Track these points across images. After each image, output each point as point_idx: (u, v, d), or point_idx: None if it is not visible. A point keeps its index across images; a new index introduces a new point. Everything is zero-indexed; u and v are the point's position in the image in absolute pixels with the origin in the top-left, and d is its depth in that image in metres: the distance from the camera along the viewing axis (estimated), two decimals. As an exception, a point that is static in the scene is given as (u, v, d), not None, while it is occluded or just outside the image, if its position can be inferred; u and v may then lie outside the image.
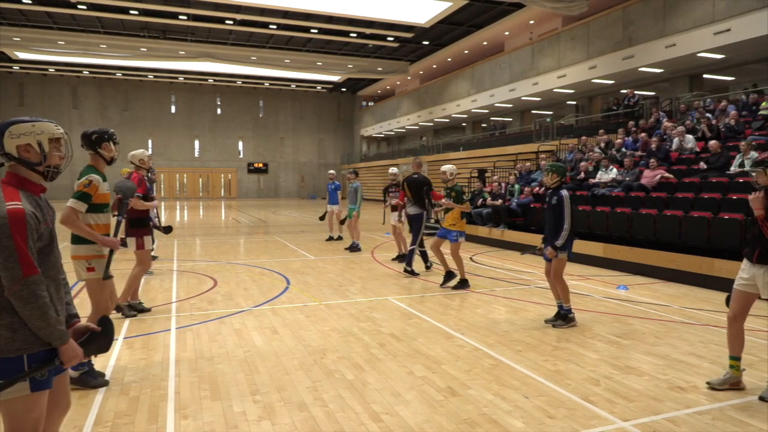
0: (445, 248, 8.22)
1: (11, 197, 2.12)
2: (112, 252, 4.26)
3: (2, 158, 2.24)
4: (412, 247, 9.10)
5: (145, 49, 31.74)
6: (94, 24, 28.57)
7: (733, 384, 4.04)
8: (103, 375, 4.32)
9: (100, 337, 2.35)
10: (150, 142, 40.41)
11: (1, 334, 2.08)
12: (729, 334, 4.12)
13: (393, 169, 10.96)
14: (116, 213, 4.92)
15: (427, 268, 9.52)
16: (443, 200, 8.08)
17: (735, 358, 4.08)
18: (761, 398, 3.84)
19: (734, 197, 8.92)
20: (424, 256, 9.56)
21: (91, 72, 39.50)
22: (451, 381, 4.24)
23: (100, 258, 4.28)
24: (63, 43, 30.28)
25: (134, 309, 6.36)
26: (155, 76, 41.41)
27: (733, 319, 4.09)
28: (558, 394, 3.97)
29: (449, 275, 8.09)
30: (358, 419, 3.57)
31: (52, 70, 38.70)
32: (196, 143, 45.09)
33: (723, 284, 7.59)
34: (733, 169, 10.13)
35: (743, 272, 4.05)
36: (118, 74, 40.34)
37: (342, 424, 3.50)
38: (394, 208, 10.55)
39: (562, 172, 6.06)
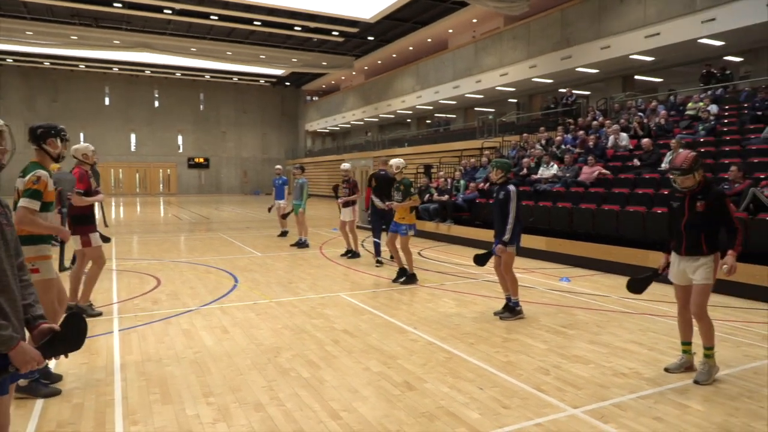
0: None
1: None
2: (63, 244, 4.13)
3: None
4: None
5: (75, 37, 30.08)
6: (18, 8, 26.78)
7: (687, 368, 4.32)
8: (60, 377, 4.17)
9: (67, 336, 2.18)
10: (82, 135, 38.31)
11: None
12: (680, 322, 4.42)
13: (345, 165, 10.91)
14: (58, 207, 4.70)
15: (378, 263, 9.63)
16: (390, 203, 8.17)
17: (687, 343, 4.37)
18: (695, 381, 4.10)
19: (666, 192, 9.44)
20: (378, 247, 9.91)
21: (15, 60, 37.09)
22: (408, 375, 4.27)
23: (44, 259, 4.04)
24: (-17, 28, 28.26)
25: (83, 311, 6.05)
26: (87, 66, 39.36)
27: (682, 309, 4.37)
28: (511, 385, 4.08)
29: (402, 272, 8.14)
30: (317, 417, 3.54)
31: (-30, 57, 36.09)
32: (133, 137, 43.25)
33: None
34: (664, 165, 10.71)
35: (674, 266, 4.32)
36: (46, 63, 38.05)
37: (300, 423, 3.46)
38: (345, 205, 10.52)
39: (507, 168, 6.21)
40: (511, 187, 6.01)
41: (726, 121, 12.49)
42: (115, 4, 25.95)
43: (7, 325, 2.00)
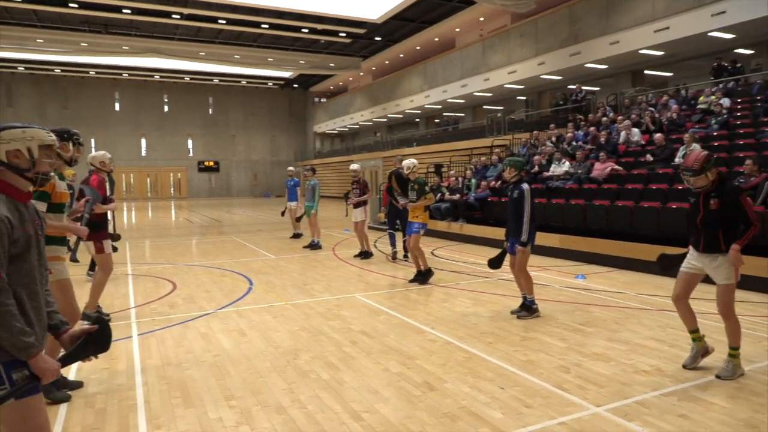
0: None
1: None
2: (79, 240, 4.26)
3: None
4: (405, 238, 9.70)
5: (86, 44, 30.37)
6: (30, 17, 27.09)
7: (703, 354, 4.28)
8: (80, 384, 4.20)
9: (97, 337, 2.28)
10: (93, 141, 38.71)
11: None
12: (680, 312, 4.38)
13: (354, 166, 10.92)
14: (82, 212, 4.80)
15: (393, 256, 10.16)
16: (403, 202, 8.18)
17: (694, 331, 4.32)
18: (718, 376, 4.06)
19: (680, 187, 9.35)
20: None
21: (27, 68, 37.52)
22: (427, 376, 4.27)
23: (57, 260, 4.09)
24: (-5, 37, 28.61)
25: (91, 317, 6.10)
26: (97, 73, 39.73)
27: (676, 300, 4.35)
28: (532, 384, 4.06)
29: (420, 272, 8.13)
30: (339, 419, 3.55)
31: (-17, 66, 36.55)
32: (143, 142, 43.60)
33: (676, 271, 7.96)
34: (678, 160, 10.62)
35: (691, 258, 4.30)
36: (57, 70, 38.46)
37: (323, 424, 3.47)
38: (356, 205, 10.53)
39: (520, 166, 6.18)
40: (525, 186, 5.98)
41: (739, 114, 12.36)
42: (124, 11, 26.16)
43: (30, 333, 2.04)
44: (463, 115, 31.65)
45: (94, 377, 4.43)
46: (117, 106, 42.70)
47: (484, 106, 29.66)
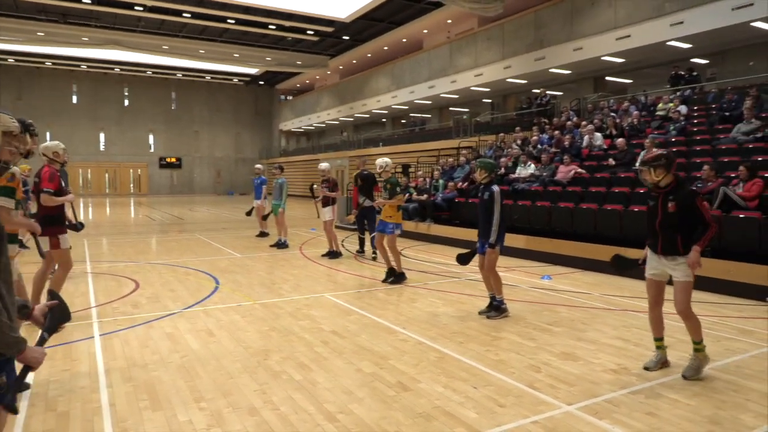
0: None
1: None
2: (35, 235, 4.11)
3: None
4: (373, 234, 9.68)
5: (42, 34, 29.22)
6: (-20, 4, 25.91)
7: (663, 363, 4.40)
8: (27, 386, 4.00)
9: (58, 310, 2.28)
10: (49, 134, 37.19)
11: None
12: (651, 318, 4.47)
13: (323, 165, 10.83)
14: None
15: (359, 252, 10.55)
16: (377, 201, 8.16)
17: (659, 339, 4.44)
18: (683, 376, 4.19)
19: (642, 191, 9.65)
20: (362, 243, 10.54)
21: (-24, 57, 35.85)
22: (401, 376, 4.26)
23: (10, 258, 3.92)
24: (-57, 23, 27.23)
25: None
26: (54, 63, 38.27)
27: (653, 305, 4.44)
28: (504, 383, 4.11)
29: (392, 272, 8.12)
30: (313, 420, 3.50)
31: (-71, 53, 34.72)
32: (102, 136, 42.25)
33: (635, 272, 8.16)
34: (639, 165, 10.93)
35: (652, 264, 4.41)
36: (11, 60, 36.85)
37: (297, 426, 3.42)
38: (324, 204, 10.46)
39: (491, 168, 6.26)
40: (495, 188, 6.06)
41: (696, 121, 12.83)
42: (84, 0, 25.27)
43: (16, 327, 1.97)
44: (429, 116, 31.86)
45: (54, 379, 4.25)
46: (75, 99, 41.24)
47: (451, 108, 29.94)
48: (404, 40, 30.17)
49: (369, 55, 33.58)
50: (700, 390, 3.97)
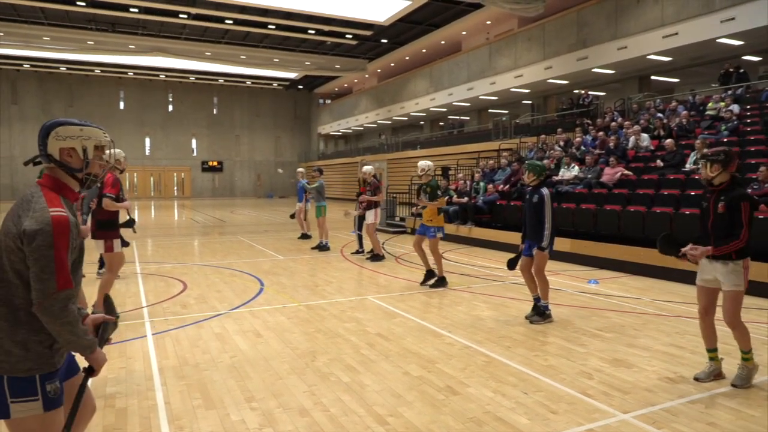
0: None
1: (54, 203, 1.97)
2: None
3: (42, 159, 2.09)
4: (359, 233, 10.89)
5: (92, 43, 30.36)
6: (36, 14, 27.09)
7: (716, 376, 4.20)
8: None
9: (112, 324, 2.36)
10: (97, 139, 38.62)
11: (13, 351, 1.93)
12: (702, 328, 4.26)
13: (367, 167, 10.91)
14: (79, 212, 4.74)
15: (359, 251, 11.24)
16: (420, 199, 8.11)
17: (712, 350, 4.24)
18: (733, 385, 4.04)
19: (692, 193, 9.32)
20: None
21: (32, 65, 37.51)
22: (449, 380, 4.23)
23: None
24: (2, 34, 28.57)
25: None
26: (102, 71, 39.72)
27: (704, 314, 4.23)
28: (555, 389, 4.03)
29: (430, 274, 8.09)
30: (363, 423, 3.51)
31: (-12, 63, 36.59)
32: (147, 141, 43.58)
33: (687, 277, 7.89)
34: (689, 166, 10.58)
35: (704, 266, 4.21)
36: (62, 68, 38.45)
37: (347, 428, 3.44)
38: (367, 207, 10.52)
39: (540, 171, 6.15)
40: (545, 191, 5.95)
41: (749, 120, 12.32)
42: (132, 9, 26.15)
43: (87, 330, 2.05)
44: (468, 118, 31.62)
45: (112, 376, 4.40)
46: (121, 105, 42.69)
47: (490, 110, 29.64)
48: (443, 42, 30.05)
49: (407, 57, 33.59)
50: (763, 400, 3.80)
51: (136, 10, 26.27)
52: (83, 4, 25.20)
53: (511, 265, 6.27)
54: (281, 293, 7.59)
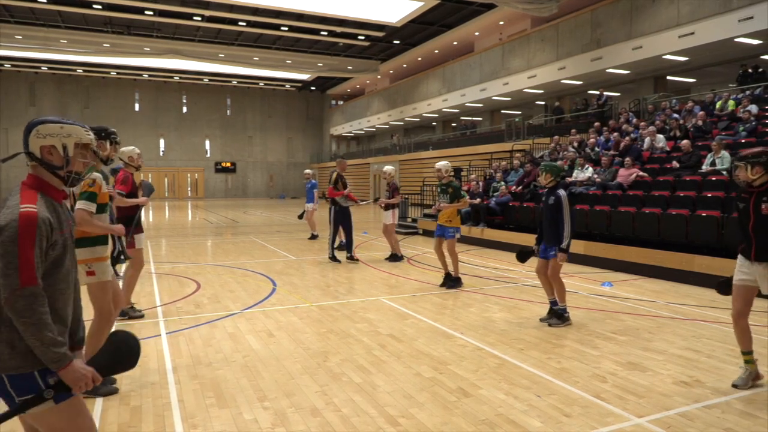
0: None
1: (28, 200, 1.97)
2: (121, 239, 4.32)
3: (26, 156, 2.11)
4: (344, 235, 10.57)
5: (108, 45, 30.78)
6: (54, 18, 27.53)
7: (755, 378, 4.10)
8: (113, 380, 4.19)
9: (118, 353, 2.14)
10: (113, 140, 39.11)
11: (1, 350, 1.93)
12: (736, 331, 4.14)
13: (388, 167, 10.92)
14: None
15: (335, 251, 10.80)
16: (439, 201, 8.06)
17: (747, 353, 4.12)
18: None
19: (709, 195, 9.20)
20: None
21: (50, 68, 38.08)
22: (461, 381, 4.22)
23: (100, 261, 4.11)
24: (20, 37, 29.08)
25: (125, 314, 6.15)
26: (118, 73, 40.25)
27: (738, 316, 4.11)
28: (568, 392, 3.99)
29: (449, 277, 8.07)
30: (375, 423, 3.51)
31: (7, 65, 37.22)
32: (161, 142, 44.04)
33: (703, 280, 7.84)
34: (705, 168, 10.45)
35: (742, 268, 4.13)
36: (79, 70, 39.00)
37: (359, 428, 3.44)
38: (386, 208, 10.54)
39: (557, 172, 6.08)
40: (561, 192, 5.88)
41: (767, 121, 12.14)
42: (147, 12, 26.45)
43: (62, 343, 1.97)
44: (480, 119, 31.53)
45: (127, 374, 4.43)
46: (137, 107, 43.20)
47: (503, 111, 29.52)
48: (455, 43, 30.01)
49: (419, 58, 33.59)
50: (783, 406, 3.73)
51: (151, 13, 26.57)
52: (99, 7, 25.55)
53: (521, 257, 6.21)
54: (293, 293, 7.62)
